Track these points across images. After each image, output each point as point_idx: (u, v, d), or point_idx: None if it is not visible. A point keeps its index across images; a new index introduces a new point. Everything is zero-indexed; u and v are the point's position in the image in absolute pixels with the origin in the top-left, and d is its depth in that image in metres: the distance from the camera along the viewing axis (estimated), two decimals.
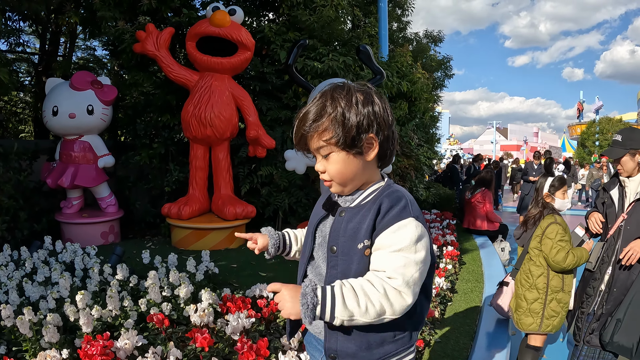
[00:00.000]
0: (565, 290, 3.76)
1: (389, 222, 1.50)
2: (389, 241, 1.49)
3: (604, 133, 36.83)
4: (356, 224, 1.55)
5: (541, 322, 3.79)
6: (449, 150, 33.91)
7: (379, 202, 1.54)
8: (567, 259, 3.58)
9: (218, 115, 6.50)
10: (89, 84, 6.87)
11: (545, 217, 3.79)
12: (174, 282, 3.92)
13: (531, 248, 3.85)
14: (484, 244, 8.21)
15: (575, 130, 47.84)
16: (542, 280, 3.78)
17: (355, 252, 1.54)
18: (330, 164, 1.54)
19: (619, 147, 3.45)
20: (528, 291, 3.84)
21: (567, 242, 3.66)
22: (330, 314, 1.40)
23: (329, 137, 1.49)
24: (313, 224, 1.73)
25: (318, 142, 1.51)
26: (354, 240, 1.54)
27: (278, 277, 5.13)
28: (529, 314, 3.82)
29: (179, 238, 6.71)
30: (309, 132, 1.51)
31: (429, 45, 15.95)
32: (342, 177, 1.55)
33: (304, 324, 1.56)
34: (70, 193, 7.09)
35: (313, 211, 1.84)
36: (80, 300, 3.34)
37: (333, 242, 1.59)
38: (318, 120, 1.49)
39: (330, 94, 1.51)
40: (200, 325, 3.27)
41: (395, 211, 1.51)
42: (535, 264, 3.81)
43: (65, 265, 4.77)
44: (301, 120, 1.54)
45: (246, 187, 7.53)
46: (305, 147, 1.58)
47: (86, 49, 13.70)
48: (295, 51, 6.12)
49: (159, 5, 7.36)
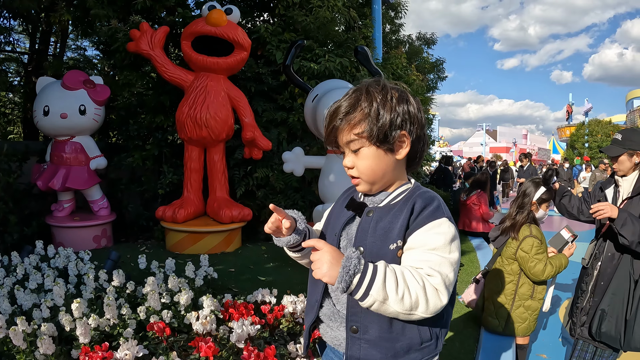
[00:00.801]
0: (536, 297, 3.81)
1: (422, 221, 1.44)
2: (423, 240, 1.43)
3: (593, 135, 37.05)
4: (387, 223, 1.49)
5: (505, 326, 3.84)
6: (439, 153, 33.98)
7: (412, 201, 1.49)
8: (546, 271, 3.61)
9: (214, 116, 6.38)
10: (81, 83, 6.71)
11: (522, 228, 3.74)
12: (173, 288, 3.79)
13: (505, 256, 3.84)
14: (480, 246, 8.24)
15: (564, 132, 48.13)
16: (510, 287, 3.81)
17: (386, 252, 1.47)
18: (360, 159, 1.49)
19: (618, 145, 3.49)
20: (496, 294, 3.87)
21: (543, 254, 3.67)
22: (366, 289, 1.30)
23: (360, 130, 1.44)
24: (339, 227, 1.62)
25: (349, 135, 1.47)
26: (385, 240, 1.48)
27: (279, 281, 5.02)
28: (495, 317, 3.87)
29: (174, 242, 6.57)
30: (341, 125, 1.47)
31: (422, 48, 15.95)
32: (371, 174, 1.51)
33: (335, 290, 1.49)
34: (61, 196, 6.91)
35: (331, 214, 1.76)
36: (77, 309, 3.20)
37: (360, 242, 1.52)
38: (351, 112, 1.46)
39: (365, 89, 1.47)
40: (203, 334, 3.15)
41: (429, 210, 1.46)
42: (507, 270, 3.84)
43: (58, 271, 4.60)
44: (334, 113, 1.50)
45: (242, 190, 7.42)
46: (334, 142, 1.53)
47: (76, 49, 13.53)
48: (293, 51, 6.02)
49: (153, 4, 7.24)
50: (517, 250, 3.72)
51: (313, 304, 1.70)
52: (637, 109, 40.65)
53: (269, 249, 6.73)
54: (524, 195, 3.81)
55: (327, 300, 1.67)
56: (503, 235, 3.90)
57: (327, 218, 1.79)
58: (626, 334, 3.24)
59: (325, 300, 1.68)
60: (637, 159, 3.41)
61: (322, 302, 1.68)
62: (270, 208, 1.54)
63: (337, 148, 1.55)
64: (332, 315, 1.64)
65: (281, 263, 5.92)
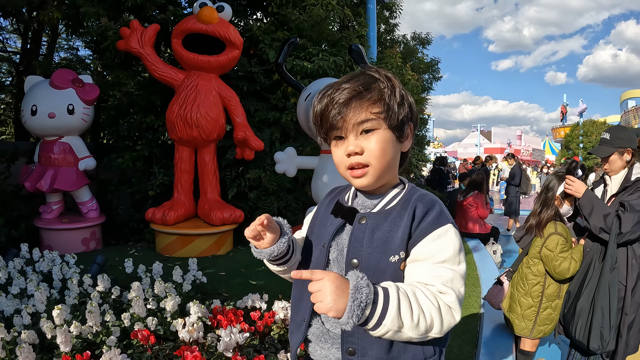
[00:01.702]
0: (562, 296, 3.65)
1: (427, 229, 1.31)
2: (430, 251, 1.29)
3: (588, 135, 37.09)
4: (386, 232, 1.33)
5: (533, 328, 3.69)
6: (434, 153, 34.01)
7: (412, 206, 1.34)
8: (571, 268, 3.44)
9: (204, 115, 6.26)
10: (69, 82, 6.58)
11: (548, 225, 3.59)
12: (159, 293, 3.66)
13: (530, 256, 3.69)
14: (476, 247, 8.14)
15: (558, 132, 48.21)
16: (537, 289, 3.66)
17: (386, 265, 1.32)
18: (373, 142, 1.30)
19: (607, 145, 3.41)
20: (523, 297, 3.73)
21: (568, 252, 3.51)
22: (379, 319, 1.13)
23: (379, 110, 1.29)
24: (327, 237, 1.44)
25: (366, 113, 1.28)
26: (384, 251, 1.32)
27: (270, 285, 4.90)
28: (522, 319, 3.72)
29: (164, 244, 6.44)
30: (353, 103, 1.28)
31: (416, 48, 15.87)
32: (382, 161, 1.32)
33: (343, 326, 1.17)
34: (49, 197, 6.78)
35: (315, 221, 1.59)
36: (57, 315, 3.07)
37: (354, 255, 1.35)
38: (369, 89, 1.29)
39: (375, 70, 1.34)
40: (189, 342, 3.02)
41: (432, 216, 1.32)
42: (533, 272, 3.68)
43: (42, 275, 4.46)
44: (340, 90, 1.30)
45: (233, 191, 7.31)
46: (331, 126, 1.33)
47: (69, 49, 13.40)
48: (286, 49, 5.91)
49: (144, 2, 7.13)
50: (541, 248, 3.57)
51: (300, 322, 1.52)
52: (631, 109, 40.70)
53: None
54: (547, 190, 3.62)
55: (316, 318, 1.49)
56: (528, 235, 3.74)
57: (310, 225, 1.62)
58: (574, 321, 3.24)
59: (314, 319, 1.50)
60: (628, 157, 3.33)
61: (311, 321, 1.50)
62: (264, 222, 1.36)
63: (336, 132, 1.34)
64: (321, 335, 1.47)
65: None
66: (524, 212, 13.16)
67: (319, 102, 1.35)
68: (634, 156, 3.34)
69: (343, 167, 1.36)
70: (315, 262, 1.49)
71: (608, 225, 3.09)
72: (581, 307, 3.21)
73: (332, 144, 1.39)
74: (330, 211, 1.50)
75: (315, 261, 1.49)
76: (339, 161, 1.36)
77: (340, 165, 1.37)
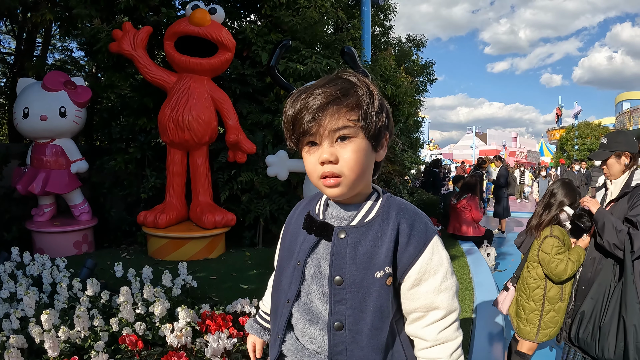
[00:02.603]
0: (565, 299, 3.65)
1: (420, 247, 1.31)
2: (430, 270, 1.33)
3: (583, 137, 37.17)
4: (369, 248, 1.31)
5: (537, 332, 3.69)
6: (429, 155, 34.02)
7: (395, 220, 1.33)
8: (568, 269, 3.45)
9: (196, 118, 6.24)
10: (61, 84, 6.56)
11: (545, 228, 3.61)
12: (148, 298, 3.65)
13: (529, 260, 3.70)
14: (470, 250, 8.13)
15: (553, 134, 48.27)
16: (539, 293, 3.66)
17: (371, 281, 1.31)
18: (348, 152, 1.24)
19: (605, 149, 3.43)
20: (526, 302, 3.73)
21: (564, 253, 3.51)
22: None
23: (356, 117, 1.23)
24: (302, 255, 1.41)
25: (343, 120, 1.22)
26: (368, 268, 1.31)
27: (261, 289, 4.85)
28: (527, 323, 3.72)
29: (156, 248, 6.41)
30: (329, 108, 1.22)
31: (411, 50, 15.85)
32: (357, 172, 1.27)
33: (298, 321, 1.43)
34: (41, 200, 6.75)
35: (286, 234, 1.56)
36: (46, 320, 3.07)
37: (337, 272, 1.32)
38: (346, 95, 1.23)
39: (353, 75, 1.28)
40: (178, 347, 3.02)
41: (419, 230, 1.33)
42: (532, 275, 3.68)
43: (33, 279, 4.44)
44: (315, 94, 1.24)
45: (226, 194, 7.27)
46: (304, 131, 1.25)
47: (64, 50, 13.33)
48: (278, 52, 5.89)
49: (137, 4, 7.08)
50: (538, 251, 3.58)
51: (274, 338, 1.51)
52: (626, 111, 40.83)
53: (253, 255, 6.58)
54: (551, 195, 3.66)
55: (290, 333, 1.47)
56: (529, 237, 3.77)
57: (282, 238, 1.58)
58: (600, 341, 3.14)
59: (288, 334, 1.47)
60: (626, 160, 3.34)
61: (285, 336, 1.47)
62: None
63: (309, 137, 1.27)
64: (296, 352, 1.44)
65: (265, 270, 5.78)
66: (514, 213, 13.23)
67: (291, 106, 1.28)
68: (634, 160, 3.35)
69: (315, 175, 1.29)
70: (289, 279, 1.45)
71: (621, 240, 3.08)
72: (607, 327, 3.11)
73: (303, 150, 1.32)
74: (302, 225, 1.46)
75: (289, 277, 1.45)
76: (312, 169, 1.30)
77: (313, 173, 1.30)
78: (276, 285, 1.53)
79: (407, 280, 1.33)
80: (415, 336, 1.40)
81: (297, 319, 1.43)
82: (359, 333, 1.31)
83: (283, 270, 1.49)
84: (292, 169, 5.79)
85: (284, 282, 1.47)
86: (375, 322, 1.31)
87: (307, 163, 1.31)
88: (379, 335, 1.33)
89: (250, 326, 1.79)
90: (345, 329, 1.31)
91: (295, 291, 1.42)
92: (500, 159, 12.78)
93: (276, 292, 1.52)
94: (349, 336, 1.31)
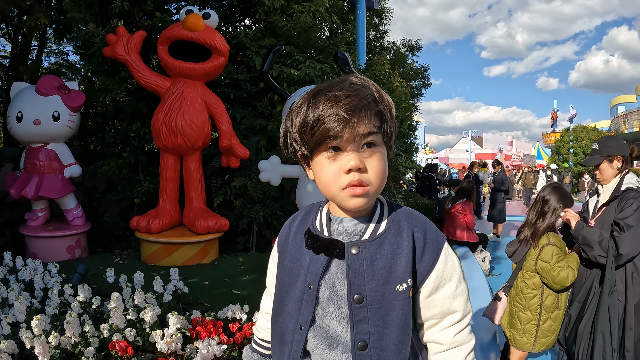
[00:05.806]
0: (561, 307, 3.64)
1: (434, 255, 1.31)
2: (445, 277, 1.33)
3: (578, 141, 37.17)
4: (386, 261, 1.26)
5: (535, 342, 3.65)
6: (425, 159, 34.03)
7: (409, 230, 1.30)
8: (570, 276, 3.43)
9: (190, 123, 6.24)
10: (55, 89, 6.56)
11: (542, 237, 3.59)
12: (139, 304, 3.65)
13: (525, 269, 3.67)
14: (465, 255, 8.13)
15: (549, 138, 48.37)
16: (535, 302, 3.62)
17: (394, 296, 1.26)
18: (375, 160, 1.19)
19: (597, 155, 3.47)
20: (521, 312, 3.69)
21: (564, 261, 3.50)
22: None
23: (379, 123, 1.18)
24: (314, 277, 1.31)
25: (370, 125, 1.16)
26: (388, 282, 1.26)
27: (253, 295, 4.87)
28: (523, 334, 3.68)
29: (149, 253, 6.40)
30: (363, 112, 1.14)
31: (406, 54, 15.90)
32: (383, 181, 1.22)
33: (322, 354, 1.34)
34: (35, 204, 6.73)
35: (283, 256, 1.44)
36: (36, 326, 3.07)
37: (357, 290, 1.25)
38: (375, 100, 1.18)
39: (367, 80, 1.22)
40: (168, 353, 3.03)
41: (431, 238, 1.32)
42: (528, 285, 3.64)
43: (24, 284, 4.43)
44: (343, 97, 1.15)
45: (219, 199, 7.27)
46: (328, 136, 1.15)
47: (59, 54, 13.31)
48: (271, 57, 5.90)
49: (132, 8, 7.10)
50: (536, 261, 3.55)
51: None
52: (621, 114, 41.01)
53: (246, 260, 6.58)
54: (544, 202, 3.61)
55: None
56: (523, 246, 3.71)
57: (279, 262, 1.47)
58: (576, 344, 3.24)
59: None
60: (618, 164, 3.37)
61: None
62: None
63: (334, 142, 1.16)
64: None
65: (258, 275, 5.77)
66: (509, 217, 13.24)
67: (311, 109, 1.17)
68: (625, 163, 3.38)
69: (337, 185, 1.19)
70: (297, 303, 1.35)
71: (604, 249, 3.11)
72: (582, 331, 3.23)
73: (321, 157, 1.20)
74: (305, 245, 1.36)
75: (297, 302, 1.35)
76: (333, 178, 1.19)
77: (334, 183, 1.20)
78: (278, 310, 1.42)
79: (424, 289, 1.31)
80: (430, 341, 1.39)
81: (313, 345, 1.33)
82: (384, 350, 1.27)
83: (287, 295, 1.38)
84: (285, 174, 5.79)
85: (290, 306, 1.37)
86: (400, 336, 1.28)
87: (326, 172, 1.20)
88: (404, 349, 1.30)
89: (248, 357, 1.66)
90: (369, 348, 1.26)
91: (308, 316, 1.32)
92: (499, 163, 12.74)
93: (279, 317, 1.40)
94: (374, 354, 1.26)
